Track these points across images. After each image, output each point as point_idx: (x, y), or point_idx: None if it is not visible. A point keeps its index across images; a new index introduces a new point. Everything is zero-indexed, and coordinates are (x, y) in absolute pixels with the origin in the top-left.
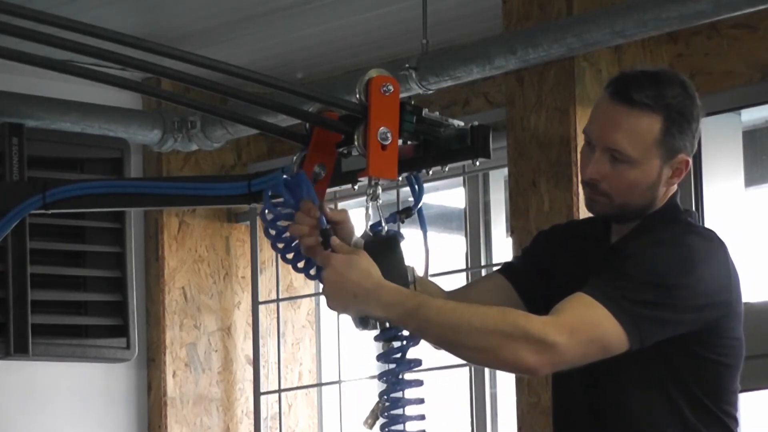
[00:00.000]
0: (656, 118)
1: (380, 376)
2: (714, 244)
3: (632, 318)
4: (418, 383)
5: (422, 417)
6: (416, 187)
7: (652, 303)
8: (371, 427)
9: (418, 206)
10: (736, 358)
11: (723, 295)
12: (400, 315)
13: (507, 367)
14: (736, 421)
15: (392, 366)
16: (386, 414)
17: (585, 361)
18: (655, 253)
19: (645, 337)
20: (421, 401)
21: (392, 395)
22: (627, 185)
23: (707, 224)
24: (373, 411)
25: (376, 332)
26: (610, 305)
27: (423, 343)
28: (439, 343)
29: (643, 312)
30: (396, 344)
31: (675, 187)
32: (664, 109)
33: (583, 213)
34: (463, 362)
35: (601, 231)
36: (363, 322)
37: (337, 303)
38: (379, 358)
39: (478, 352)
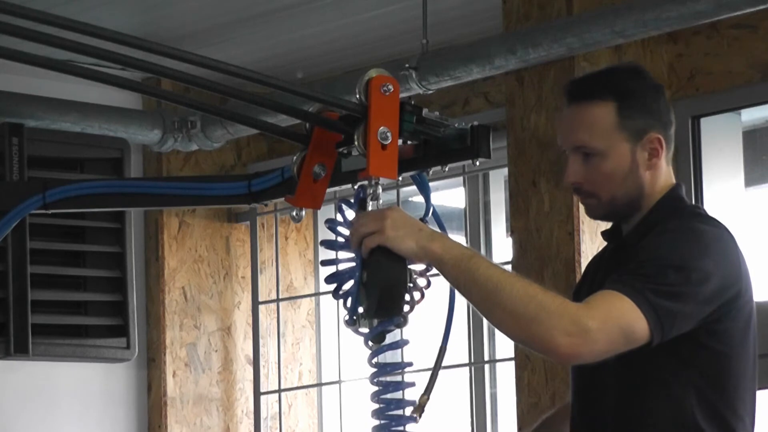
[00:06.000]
0: (608, 104)
1: (373, 376)
2: (722, 231)
3: (655, 310)
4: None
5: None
6: (425, 190)
7: (672, 292)
8: (418, 420)
9: (430, 211)
10: (742, 348)
11: (733, 282)
12: (456, 257)
13: (537, 343)
14: (743, 421)
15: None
16: (381, 414)
17: (610, 353)
18: (667, 240)
19: (666, 329)
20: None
21: (384, 396)
22: (605, 177)
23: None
24: (420, 404)
25: (365, 331)
26: (634, 296)
27: (415, 345)
28: (479, 298)
29: (664, 303)
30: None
31: (663, 170)
32: (613, 94)
33: (584, 213)
34: (464, 362)
35: (615, 233)
36: (353, 321)
37: (399, 232)
38: (372, 356)
39: (514, 318)
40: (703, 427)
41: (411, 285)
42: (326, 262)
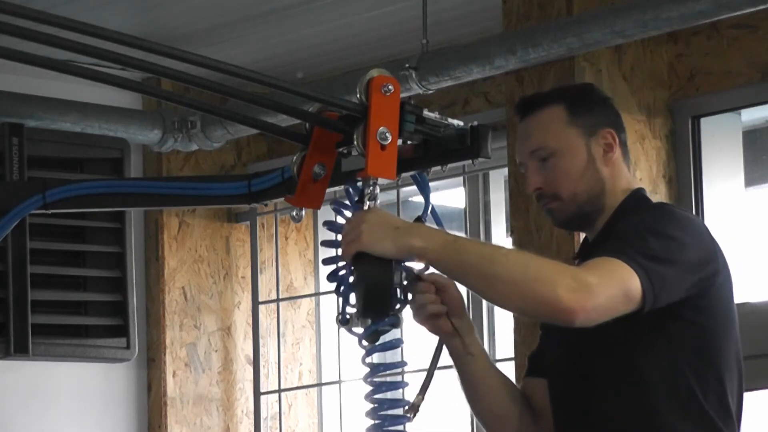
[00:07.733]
0: (558, 106)
1: (365, 377)
2: (695, 217)
3: (645, 270)
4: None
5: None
6: (424, 189)
7: (657, 256)
8: (411, 419)
9: (429, 209)
10: (731, 325)
11: (711, 258)
12: (439, 244)
13: (542, 303)
14: (732, 395)
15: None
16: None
17: (610, 311)
18: (640, 218)
19: (657, 290)
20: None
21: (378, 395)
22: (563, 174)
23: (707, 224)
24: (414, 404)
25: (359, 332)
26: (625, 259)
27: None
28: (475, 277)
29: (653, 266)
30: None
31: (624, 171)
32: (562, 97)
33: None
34: None
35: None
36: (347, 320)
37: (375, 235)
38: (366, 355)
39: (515, 285)
40: (700, 398)
41: (412, 285)
42: (327, 261)
